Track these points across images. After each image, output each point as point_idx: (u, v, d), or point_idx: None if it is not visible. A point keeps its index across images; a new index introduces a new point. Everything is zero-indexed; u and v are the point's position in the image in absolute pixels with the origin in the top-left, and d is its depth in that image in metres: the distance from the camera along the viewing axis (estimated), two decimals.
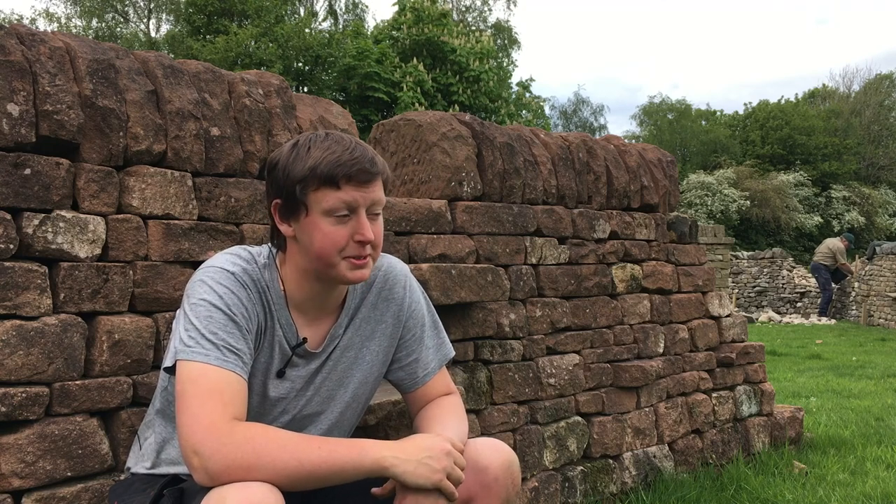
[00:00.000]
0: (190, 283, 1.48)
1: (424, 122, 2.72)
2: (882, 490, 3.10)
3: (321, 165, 1.43)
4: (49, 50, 1.73)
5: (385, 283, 1.67)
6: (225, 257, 1.51)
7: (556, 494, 2.74)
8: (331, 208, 1.44)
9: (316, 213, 1.46)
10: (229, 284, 1.45)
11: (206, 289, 1.44)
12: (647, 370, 3.12)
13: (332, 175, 1.43)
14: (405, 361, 1.70)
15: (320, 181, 1.44)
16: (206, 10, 22.71)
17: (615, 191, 3.23)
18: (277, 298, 1.53)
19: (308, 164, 1.44)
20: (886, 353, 8.87)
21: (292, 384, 1.56)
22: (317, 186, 1.44)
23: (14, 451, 1.59)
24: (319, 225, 1.46)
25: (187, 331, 1.40)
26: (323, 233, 1.46)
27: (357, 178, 1.44)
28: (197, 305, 1.42)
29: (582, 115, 40.91)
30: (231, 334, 1.41)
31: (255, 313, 1.48)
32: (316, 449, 1.33)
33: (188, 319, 1.41)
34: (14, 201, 1.65)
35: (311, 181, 1.44)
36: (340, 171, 1.43)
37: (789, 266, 16.01)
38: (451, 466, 1.41)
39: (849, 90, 37.22)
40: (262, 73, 2.24)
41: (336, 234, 1.46)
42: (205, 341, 1.38)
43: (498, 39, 30.12)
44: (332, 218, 1.45)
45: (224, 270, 1.47)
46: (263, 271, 1.52)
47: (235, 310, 1.43)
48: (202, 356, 1.37)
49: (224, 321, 1.41)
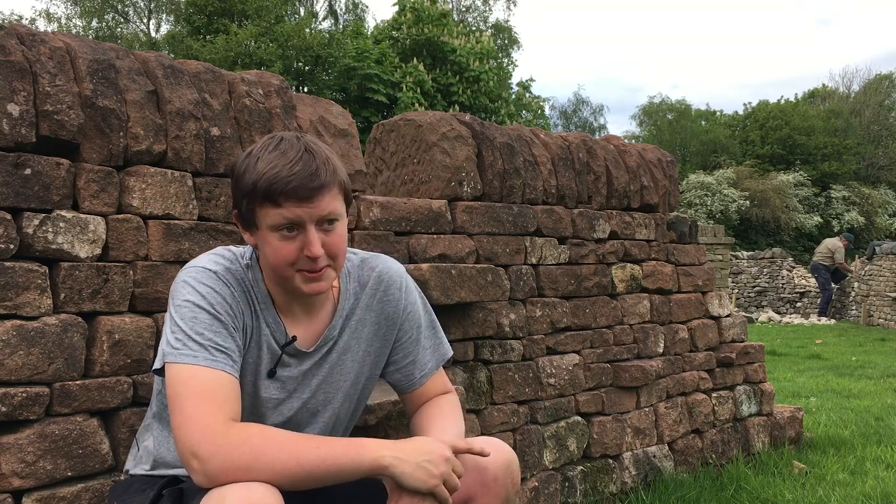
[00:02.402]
0: (173, 285, 1.47)
1: (424, 122, 2.72)
2: (882, 490, 3.10)
3: (261, 181, 1.38)
4: (49, 50, 1.73)
5: (380, 284, 1.65)
6: (207, 257, 1.50)
7: (555, 494, 2.74)
8: (274, 224, 1.41)
9: (264, 228, 1.43)
10: (212, 283, 1.44)
11: (189, 289, 1.43)
12: (646, 370, 3.12)
13: (270, 192, 1.38)
14: (402, 363, 1.69)
15: (261, 198, 1.40)
16: (206, 10, 22.70)
17: (615, 191, 3.24)
18: (263, 298, 1.52)
19: (252, 179, 1.40)
20: (886, 353, 8.87)
21: (283, 384, 1.55)
22: (260, 202, 1.41)
23: (14, 450, 1.59)
24: (268, 239, 1.43)
25: (174, 333, 1.39)
26: (272, 248, 1.43)
27: (296, 195, 1.38)
28: (181, 307, 1.41)
29: (582, 115, 40.91)
30: (218, 333, 1.40)
31: (241, 311, 1.47)
32: (314, 448, 1.32)
33: (174, 321, 1.40)
34: (14, 201, 1.65)
35: (255, 197, 1.40)
36: (276, 188, 1.37)
37: (789, 266, 16.01)
38: (449, 473, 1.40)
39: (849, 90, 37.24)
40: (262, 73, 2.24)
41: (284, 250, 1.43)
42: (192, 342, 1.37)
43: (498, 39, 30.09)
44: (278, 233, 1.42)
45: (206, 270, 1.46)
46: (247, 271, 1.51)
47: (220, 308, 1.42)
48: (190, 358, 1.37)
49: (209, 321, 1.40)
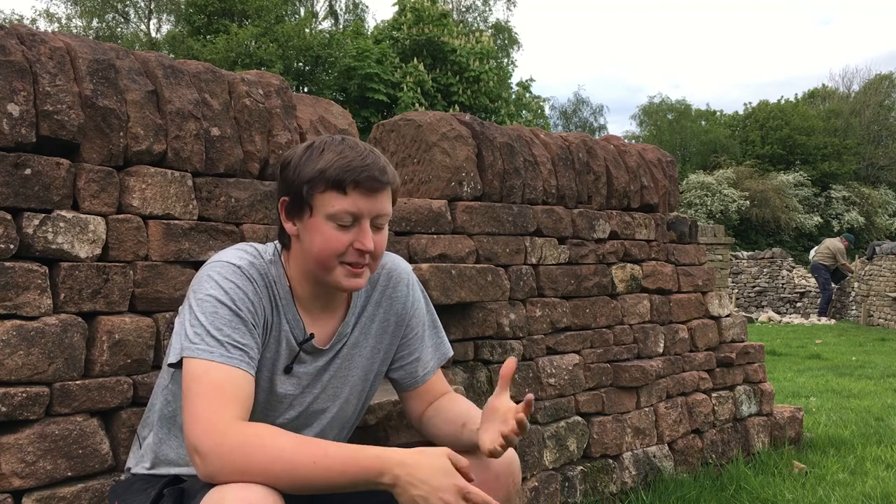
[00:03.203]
0: (196, 278, 1.48)
1: (424, 122, 2.72)
2: (882, 490, 3.10)
3: (331, 168, 1.43)
4: (49, 50, 1.73)
5: (389, 281, 1.67)
6: (232, 251, 1.51)
7: (555, 494, 2.74)
8: (334, 213, 1.44)
9: (319, 216, 1.45)
10: (235, 279, 1.45)
11: (213, 284, 1.43)
12: (646, 370, 3.12)
13: (340, 179, 1.43)
14: (407, 360, 1.70)
15: (327, 184, 1.43)
16: (207, 10, 22.71)
17: (615, 191, 3.24)
18: (284, 293, 1.53)
19: (318, 166, 1.44)
20: (886, 353, 8.87)
21: (299, 380, 1.56)
22: (323, 189, 1.44)
23: (14, 450, 1.59)
24: (321, 228, 1.45)
25: (193, 327, 1.40)
26: (324, 236, 1.45)
27: (364, 186, 1.44)
28: (203, 301, 1.41)
29: (582, 116, 40.93)
30: (236, 330, 1.41)
31: (262, 307, 1.48)
32: (311, 465, 1.27)
33: (194, 315, 1.41)
34: (14, 201, 1.65)
35: (319, 183, 1.44)
36: (349, 176, 1.42)
37: (789, 266, 16.01)
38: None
39: (848, 90, 37.24)
40: (262, 73, 2.24)
41: (336, 240, 1.45)
42: (209, 338, 1.38)
43: (498, 39, 30.11)
44: (333, 223, 1.45)
45: (230, 264, 1.46)
46: (270, 267, 1.52)
47: (241, 305, 1.43)
48: (206, 353, 1.37)
49: (230, 317, 1.41)
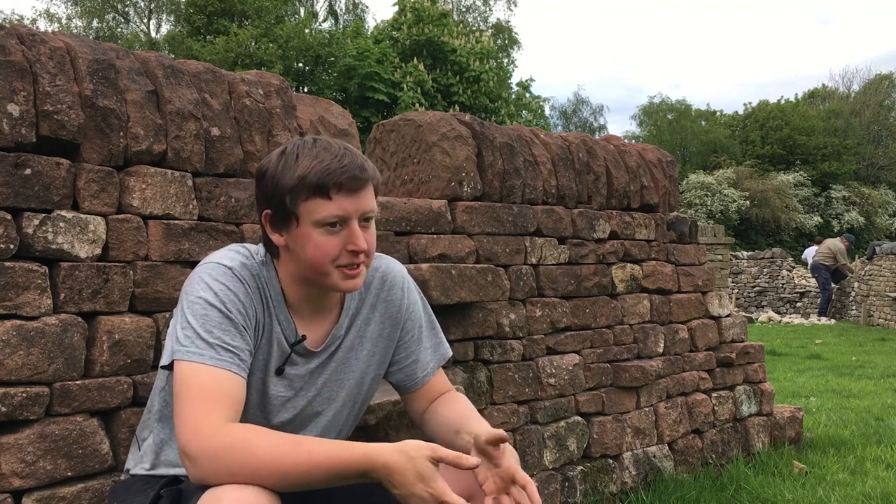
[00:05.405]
0: (188, 280, 1.47)
1: (424, 122, 2.72)
2: (882, 490, 3.10)
3: (310, 174, 1.40)
4: (49, 50, 1.73)
5: (383, 284, 1.66)
6: (224, 252, 1.51)
7: (555, 494, 2.74)
8: (321, 219, 1.42)
9: (307, 224, 1.43)
10: (226, 280, 1.44)
11: (203, 286, 1.42)
12: (646, 370, 3.12)
13: (322, 184, 1.40)
14: (404, 363, 1.70)
15: (310, 191, 1.40)
16: (207, 11, 22.72)
17: (615, 191, 3.24)
18: (276, 295, 1.52)
19: (297, 173, 1.41)
20: (886, 353, 8.86)
21: (291, 382, 1.55)
22: (307, 196, 1.41)
23: (14, 450, 1.59)
24: (311, 236, 1.43)
25: (183, 329, 1.39)
26: (315, 244, 1.43)
27: (347, 186, 1.40)
28: (193, 304, 1.41)
29: (582, 116, 40.92)
30: (227, 332, 1.40)
31: (254, 309, 1.47)
32: (297, 465, 1.26)
33: (185, 317, 1.40)
34: (14, 201, 1.65)
35: (301, 191, 1.41)
36: (330, 179, 1.39)
37: (789, 266, 16.01)
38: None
39: (848, 90, 37.24)
40: (262, 74, 2.24)
41: (328, 245, 1.43)
42: (199, 340, 1.37)
43: (498, 39, 30.10)
44: (322, 228, 1.43)
45: (221, 266, 1.46)
46: (261, 268, 1.51)
47: (232, 307, 1.42)
48: (196, 356, 1.36)
49: (220, 319, 1.40)
